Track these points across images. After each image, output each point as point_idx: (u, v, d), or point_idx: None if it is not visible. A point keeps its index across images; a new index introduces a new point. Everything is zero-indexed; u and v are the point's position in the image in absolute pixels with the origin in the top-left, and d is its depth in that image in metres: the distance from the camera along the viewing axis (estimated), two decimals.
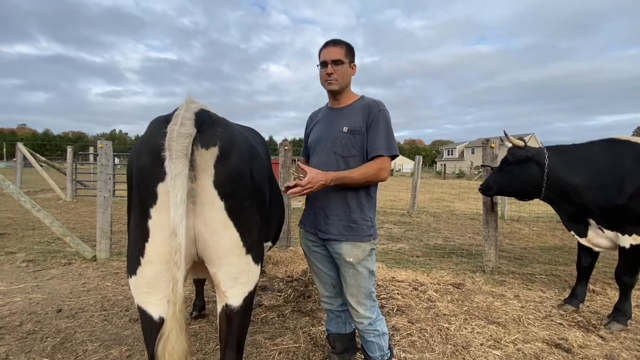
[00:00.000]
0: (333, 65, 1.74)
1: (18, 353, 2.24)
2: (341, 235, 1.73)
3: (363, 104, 1.79)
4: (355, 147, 1.72)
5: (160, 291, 1.18)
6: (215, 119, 1.22)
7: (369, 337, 1.85)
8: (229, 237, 1.22)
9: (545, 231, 6.84)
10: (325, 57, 1.76)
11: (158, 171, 1.10)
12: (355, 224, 1.73)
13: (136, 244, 1.19)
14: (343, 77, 1.77)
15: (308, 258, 1.96)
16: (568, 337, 2.58)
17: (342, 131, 1.73)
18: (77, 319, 2.74)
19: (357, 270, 1.75)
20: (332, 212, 1.74)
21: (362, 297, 1.78)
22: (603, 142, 3.00)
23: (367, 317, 1.81)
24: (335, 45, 1.77)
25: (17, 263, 4.10)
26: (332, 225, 1.74)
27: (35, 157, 10.51)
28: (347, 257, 1.73)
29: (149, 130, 1.18)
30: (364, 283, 1.77)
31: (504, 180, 3.25)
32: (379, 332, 1.85)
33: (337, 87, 1.78)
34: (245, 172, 1.26)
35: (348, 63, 1.78)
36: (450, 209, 10.12)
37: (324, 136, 1.81)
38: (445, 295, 3.37)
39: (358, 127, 1.72)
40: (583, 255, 3.17)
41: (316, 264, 1.93)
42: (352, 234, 1.73)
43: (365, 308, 1.80)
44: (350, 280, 1.77)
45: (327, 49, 1.77)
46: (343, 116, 1.79)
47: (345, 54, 1.76)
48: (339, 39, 1.80)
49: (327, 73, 1.75)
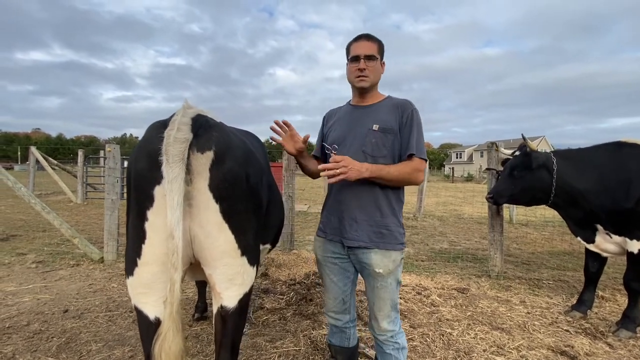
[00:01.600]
0: (366, 61, 1.62)
1: (24, 352, 2.29)
2: (371, 242, 1.59)
3: (393, 102, 1.70)
4: (386, 147, 1.61)
5: (156, 292, 1.20)
6: (212, 124, 1.24)
7: (387, 349, 1.70)
8: (224, 239, 1.24)
9: (554, 236, 6.72)
10: (357, 51, 1.64)
11: (155, 175, 1.13)
12: (388, 230, 1.61)
13: (133, 245, 1.22)
14: (375, 74, 1.66)
15: (323, 269, 1.80)
16: (574, 345, 2.52)
17: (371, 129, 1.62)
18: (82, 320, 2.79)
19: (386, 283, 1.62)
20: (361, 217, 1.61)
21: (388, 310, 1.66)
22: (609, 146, 2.95)
23: (390, 330, 1.68)
24: (368, 39, 1.67)
25: (27, 264, 4.20)
26: (362, 231, 1.60)
27: (47, 160, 10.76)
28: (377, 268, 1.59)
29: (147, 135, 1.21)
30: (391, 295, 1.65)
31: (516, 188, 3.09)
32: (399, 345, 1.72)
33: (368, 83, 1.66)
34: (240, 176, 1.28)
35: (380, 60, 1.69)
36: (457, 212, 10.02)
37: (350, 134, 1.68)
38: (449, 300, 3.33)
39: (390, 126, 1.62)
40: (590, 260, 3.11)
41: (331, 277, 1.77)
42: (384, 241, 1.60)
43: (389, 320, 1.67)
44: (378, 293, 1.64)
45: (359, 43, 1.66)
46: (371, 114, 1.68)
47: (377, 50, 1.67)
48: (372, 35, 1.69)
49: (359, 68, 1.63)
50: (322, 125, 1.92)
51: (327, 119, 1.90)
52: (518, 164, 3.08)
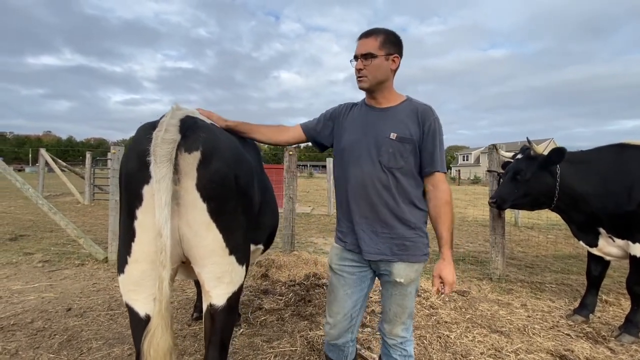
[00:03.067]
0: (362, 60, 1.51)
1: (27, 349, 2.35)
2: (394, 256, 1.52)
3: (413, 107, 1.56)
4: (403, 157, 1.51)
5: (146, 289, 1.23)
6: (200, 125, 1.27)
7: (395, 354, 1.65)
8: (211, 238, 1.26)
9: (559, 239, 6.62)
10: (356, 51, 1.55)
11: (144, 175, 1.16)
12: (411, 242, 1.54)
13: (124, 243, 1.25)
14: (375, 72, 1.51)
15: (337, 280, 1.67)
16: (574, 349, 2.49)
17: (388, 137, 1.51)
18: (84, 318, 2.84)
19: (406, 291, 1.57)
20: (382, 231, 1.53)
21: (405, 317, 1.62)
22: (612, 148, 2.91)
23: (402, 337, 1.64)
24: (367, 36, 1.52)
25: (33, 263, 4.29)
26: (383, 244, 1.53)
27: (56, 162, 10.99)
28: (398, 278, 1.53)
29: (136, 136, 1.25)
30: (409, 303, 1.60)
31: (520, 192, 3.02)
32: (407, 353, 1.66)
33: (366, 84, 1.54)
34: (228, 176, 1.30)
35: (384, 55, 1.51)
36: (462, 215, 9.92)
37: (364, 141, 1.56)
38: (449, 302, 3.31)
39: (409, 135, 1.50)
40: (593, 263, 3.07)
41: (344, 289, 1.64)
42: (407, 254, 1.53)
43: (404, 327, 1.64)
44: (397, 300, 1.59)
45: (358, 42, 1.56)
46: (388, 119, 1.56)
47: (380, 45, 1.50)
48: (375, 28, 1.55)
49: (357, 69, 1.54)
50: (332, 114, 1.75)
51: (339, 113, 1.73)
52: (521, 167, 3.01)
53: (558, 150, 2.80)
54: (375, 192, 1.52)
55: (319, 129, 1.74)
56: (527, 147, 3.10)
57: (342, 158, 1.65)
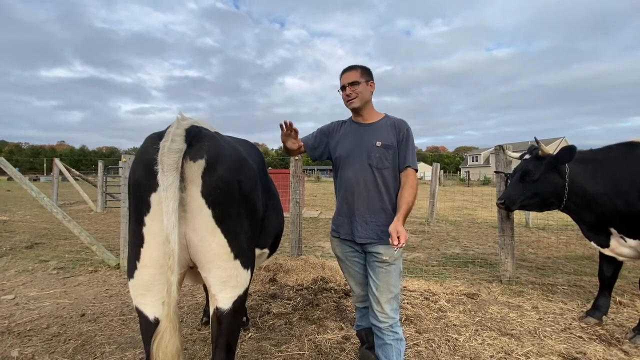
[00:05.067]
0: (350, 87, 1.99)
1: (43, 353, 2.42)
2: (380, 239, 1.91)
3: (390, 122, 2.04)
4: (387, 160, 1.96)
5: (155, 293, 1.27)
6: (204, 134, 1.32)
7: (388, 339, 1.92)
8: (216, 243, 1.30)
9: (572, 240, 6.50)
10: (343, 81, 2.02)
11: (151, 183, 1.21)
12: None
13: (133, 249, 1.29)
14: (362, 94, 1.99)
15: (344, 263, 2.14)
16: (587, 351, 2.45)
17: (375, 145, 1.96)
18: (98, 323, 2.91)
19: (390, 268, 1.91)
20: (371, 219, 1.94)
21: (390, 296, 1.91)
22: (622, 146, 2.87)
23: (392, 318, 1.92)
24: (350, 70, 2.03)
25: (49, 270, 4.41)
26: (372, 230, 1.93)
27: (70, 171, 11.26)
28: (384, 256, 1.89)
29: (143, 146, 1.30)
30: (394, 282, 1.92)
31: (528, 192, 2.98)
32: (398, 335, 1.93)
33: (358, 103, 2.01)
34: (231, 182, 1.34)
35: (365, 82, 2.00)
36: (471, 217, 9.82)
37: (356, 149, 2.00)
38: (458, 305, 3.29)
39: (390, 143, 1.97)
40: (605, 264, 3.01)
41: (353, 268, 2.11)
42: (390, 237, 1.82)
43: (391, 307, 1.91)
44: (383, 277, 1.91)
45: (344, 75, 2.03)
46: (373, 131, 2.01)
47: (360, 75, 2.00)
48: (354, 65, 2.06)
49: (346, 95, 2.01)
50: (325, 130, 2.20)
51: (331, 130, 2.19)
52: (530, 168, 2.97)
53: (568, 149, 2.75)
54: (365, 189, 1.96)
55: (316, 145, 2.17)
56: (535, 147, 3.07)
57: (339, 165, 2.10)
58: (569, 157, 2.75)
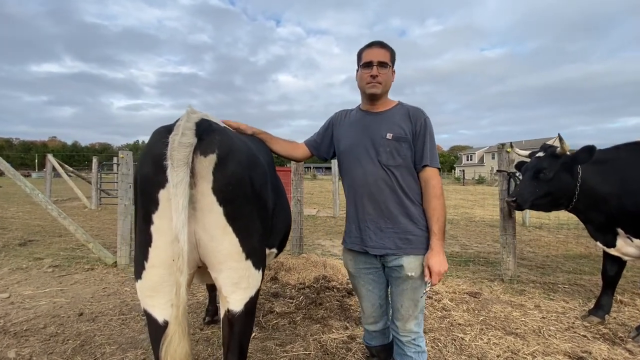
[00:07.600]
0: (379, 68, 1.62)
1: (41, 354, 2.35)
2: (398, 249, 1.61)
3: (405, 110, 1.69)
4: (400, 155, 1.61)
5: (164, 295, 1.21)
6: (215, 128, 1.26)
7: (409, 351, 1.69)
8: (228, 242, 1.24)
9: (569, 239, 6.54)
10: (371, 57, 1.63)
11: (160, 179, 1.15)
12: (414, 236, 1.62)
13: (141, 249, 1.23)
14: (387, 80, 1.66)
15: (357, 280, 1.81)
16: (592, 350, 2.44)
17: (385, 137, 1.62)
18: (96, 323, 2.84)
19: (416, 285, 1.63)
20: (386, 226, 1.62)
21: (417, 311, 1.67)
22: (630, 146, 2.85)
23: (415, 332, 1.69)
24: (382, 47, 1.65)
25: (44, 268, 4.31)
26: (388, 239, 1.62)
27: (63, 168, 11.07)
28: (409, 272, 1.59)
29: (152, 140, 1.23)
30: (420, 295, 1.66)
31: (541, 191, 2.86)
32: (421, 348, 1.71)
33: (380, 90, 1.65)
34: (244, 179, 1.28)
35: (392, 67, 1.69)
36: (468, 215, 9.85)
37: (361, 142, 1.67)
38: (461, 304, 3.27)
39: (404, 134, 1.62)
40: (609, 263, 3.01)
41: (366, 287, 1.79)
42: (412, 247, 1.61)
43: (416, 322, 1.68)
44: (409, 295, 1.64)
45: (373, 50, 1.65)
46: (383, 121, 1.67)
47: (390, 57, 1.67)
48: (385, 42, 1.68)
49: (371, 75, 1.62)
50: (328, 124, 1.91)
51: (335, 121, 1.88)
52: (544, 166, 2.87)
53: (587, 149, 2.65)
54: (378, 190, 1.63)
55: (320, 141, 1.91)
56: (549, 145, 3.00)
57: (344, 161, 1.78)
58: (588, 157, 2.65)
